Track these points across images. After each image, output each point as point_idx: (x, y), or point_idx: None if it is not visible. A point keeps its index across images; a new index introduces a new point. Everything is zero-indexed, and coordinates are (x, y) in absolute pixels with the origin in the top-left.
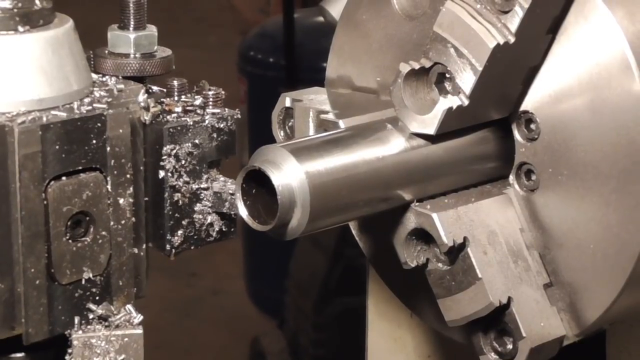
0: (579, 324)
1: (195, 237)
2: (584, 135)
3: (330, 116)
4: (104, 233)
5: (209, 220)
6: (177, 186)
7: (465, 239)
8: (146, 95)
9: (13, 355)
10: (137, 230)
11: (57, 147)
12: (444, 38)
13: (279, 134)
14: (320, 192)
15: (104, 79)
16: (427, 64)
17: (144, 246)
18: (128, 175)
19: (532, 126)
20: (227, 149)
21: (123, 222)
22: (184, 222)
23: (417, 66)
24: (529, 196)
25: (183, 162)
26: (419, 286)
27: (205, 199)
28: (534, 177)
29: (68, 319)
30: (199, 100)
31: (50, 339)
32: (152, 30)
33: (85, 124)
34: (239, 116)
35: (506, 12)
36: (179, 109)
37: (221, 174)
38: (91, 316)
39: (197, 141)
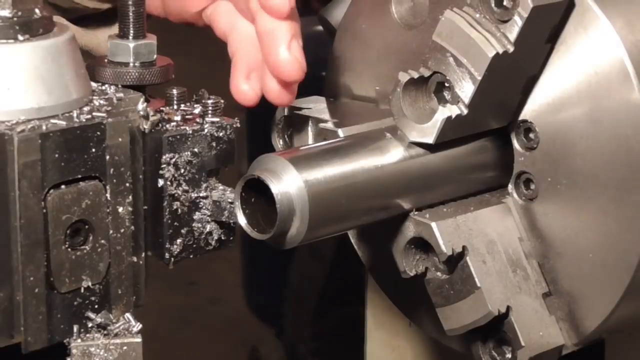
0: (578, 333)
1: (194, 245)
2: (583, 144)
3: (329, 125)
4: (103, 241)
5: (208, 229)
6: (176, 195)
7: (464, 248)
8: (145, 104)
9: None
10: (136, 239)
11: (56, 155)
12: (443, 47)
13: (278, 142)
14: (319, 201)
15: (104, 87)
16: (426, 73)
17: (143, 255)
18: (127, 184)
19: (531, 135)
20: (226, 157)
21: (122, 230)
22: (182, 231)
23: (416, 75)
24: (527, 205)
25: (182, 170)
26: (417, 295)
27: (204, 207)
28: (532, 186)
29: (67, 327)
30: (198, 109)
31: (49, 347)
32: (151, 39)
33: (84, 132)
34: (238, 125)
35: (505, 22)
36: (178, 118)
37: (220, 183)
38: (90, 324)
39: (196, 150)
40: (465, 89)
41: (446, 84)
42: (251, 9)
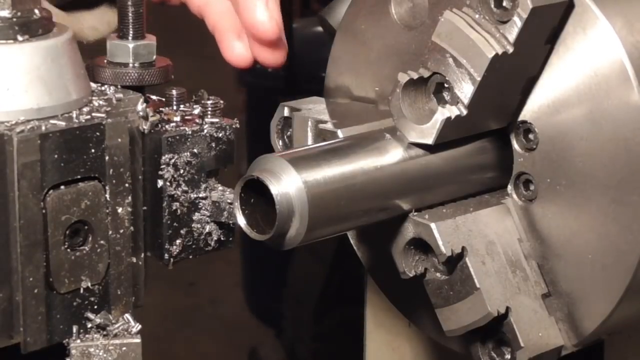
0: (577, 334)
1: (194, 246)
2: (582, 145)
3: (329, 126)
4: (102, 242)
5: (207, 230)
6: (175, 195)
7: (463, 248)
8: (145, 104)
9: None
10: (136, 240)
11: (55, 156)
12: (442, 48)
13: (278, 143)
14: (318, 201)
15: (103, 88)
16: (426, 74)
17: (143, 255)
18: (127, 185)
19: (531, 136)
20: (225, 158)
21: (121, 231)
22: (182, 232)
23: (415, 76)
24: (527, 206)
25: (182, 171)
26: (417, 296)
27: (203, 208)
28: (532, 187)
29: (66, 327)
30: (197, 110)
31: (49, 347)
32: (151, 39)
33: (84, 133)
34: (238, 125)
35: (505, 22)
36: (177, 119)
37: (220, 183)
38: (89, 325)
39: (195, 150)
40: (465, 90)
41: (445, 85)
42: None
